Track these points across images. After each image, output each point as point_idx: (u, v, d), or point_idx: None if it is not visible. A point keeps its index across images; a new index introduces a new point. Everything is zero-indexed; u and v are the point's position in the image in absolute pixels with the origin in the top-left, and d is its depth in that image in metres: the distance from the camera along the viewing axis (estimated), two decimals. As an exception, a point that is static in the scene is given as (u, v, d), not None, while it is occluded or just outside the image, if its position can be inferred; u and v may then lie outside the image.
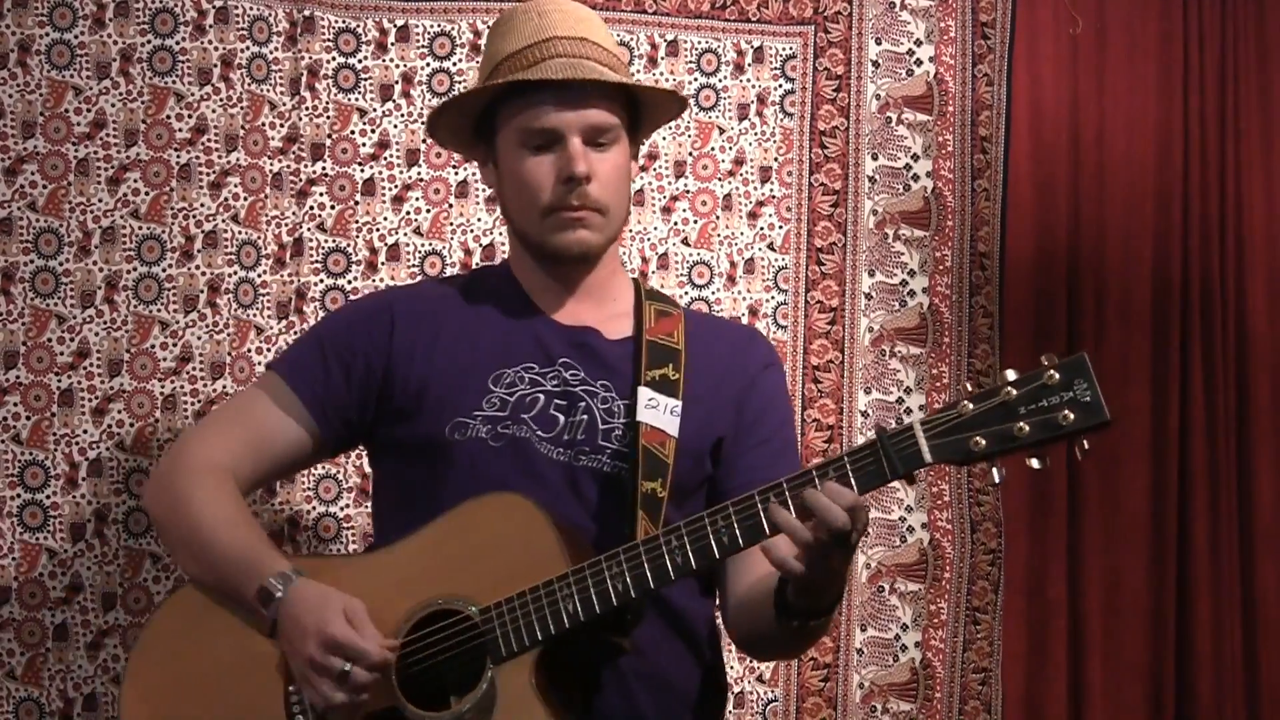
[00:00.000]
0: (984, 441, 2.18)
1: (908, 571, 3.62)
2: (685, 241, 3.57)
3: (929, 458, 2.21)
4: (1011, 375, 2.19)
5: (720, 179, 3.59)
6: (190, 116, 3.37)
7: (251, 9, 3.41)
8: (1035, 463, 2.20)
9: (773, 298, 3.60)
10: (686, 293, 3.55)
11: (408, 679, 2.40)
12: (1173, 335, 3.80)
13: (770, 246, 3.61)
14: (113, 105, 3.34)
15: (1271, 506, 3.91)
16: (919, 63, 3.69)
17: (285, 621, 2.42)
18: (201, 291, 3.37)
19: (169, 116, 3.36)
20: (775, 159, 3.62)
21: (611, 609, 2.34)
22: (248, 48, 3.41)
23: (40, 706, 3.28)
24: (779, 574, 2.35)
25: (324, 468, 3.38)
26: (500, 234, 3.46)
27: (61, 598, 3.29)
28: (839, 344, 3.63)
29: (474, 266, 3.45)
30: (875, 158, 3.67)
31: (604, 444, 2.55)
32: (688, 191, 3.58)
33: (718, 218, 3.59)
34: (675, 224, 3.57)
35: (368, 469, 3.35)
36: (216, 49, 3.39)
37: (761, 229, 3.61)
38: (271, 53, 3.42)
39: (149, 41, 3.36)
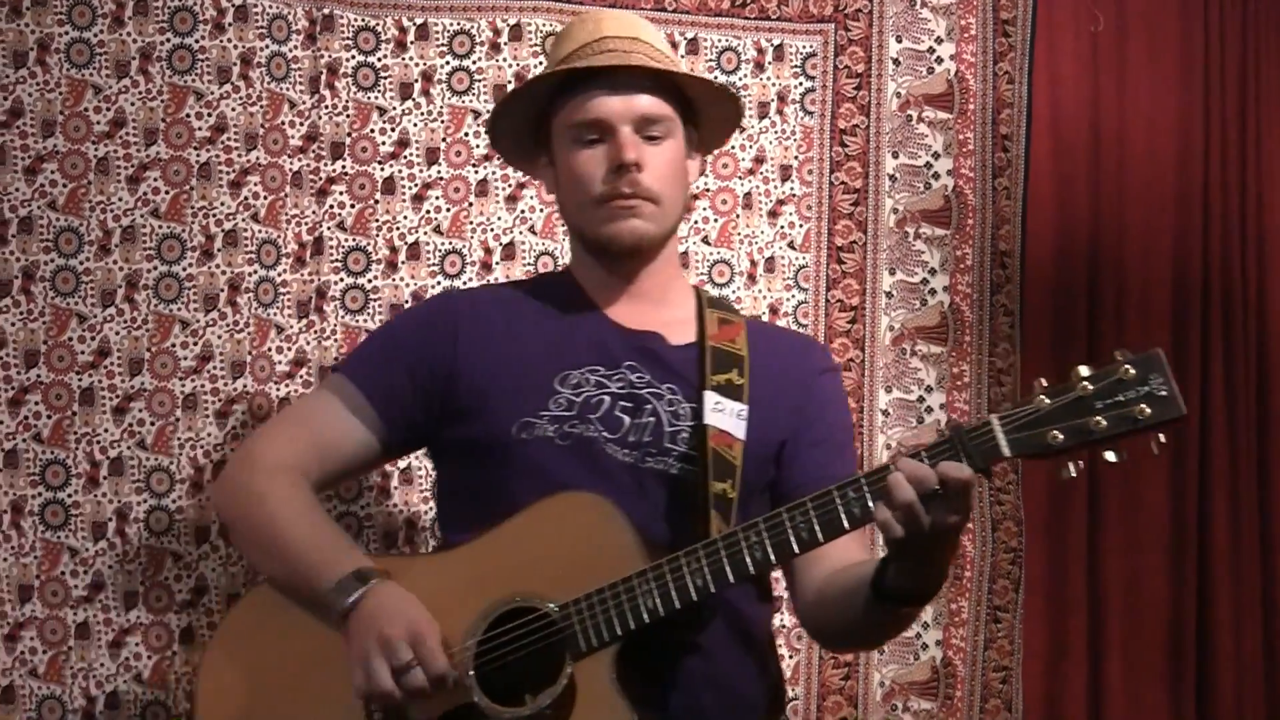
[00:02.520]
0: (1061, 435, 2.19)
1: (928, 570, 3.60)
2: (705, 240, 3.57)
3: (1007, 451, 2.22)
4: (1085, 371, 2.20)
5: (740, 177, 3.59)
6: (210, 115, 3.37)
7: (270, 7, 3.40)
8: (1111, 456, 2.21)
9: (793, 296, 3.59)
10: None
11: (484, 676, 2.40)
12: (1193, 333, 3.79)
13: (790, 245, 3.60)
14: (132, 104, 3.34)
15: (1293, 505, 3.90)
16: (939, 60, 3.68)
17: (367, 605, 2.40)
18: (222, 290, 3.36)
19: (188, 115, 3.36)
20: (795, 157, 3.61)
21: (690, 604, 2.35)
22: (267, 46, 3.40)
23: (63, 704, 3.28)
24: (876, 561, 2.39)
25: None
26: (520, 234, 3.47)
27: (83, 596, 3.29)
28: (859, 342, 3.63)
29: (493, 264, 3.47)
30: (896, 156, 3.66)
31: (670, 446, 2.56)
32: (708, 190, 3.57)
33: (738, 216, 3.58)
34: (695, 222, 3.56)
35: (388, 468, 3.36)
36: (236, 47, 3.38)
37: (782, 227, 3.60)
38: (291, 51, 3.42)
39: (168, 40, 3.35)
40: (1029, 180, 3.68)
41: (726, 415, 2.56)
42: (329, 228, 3.43)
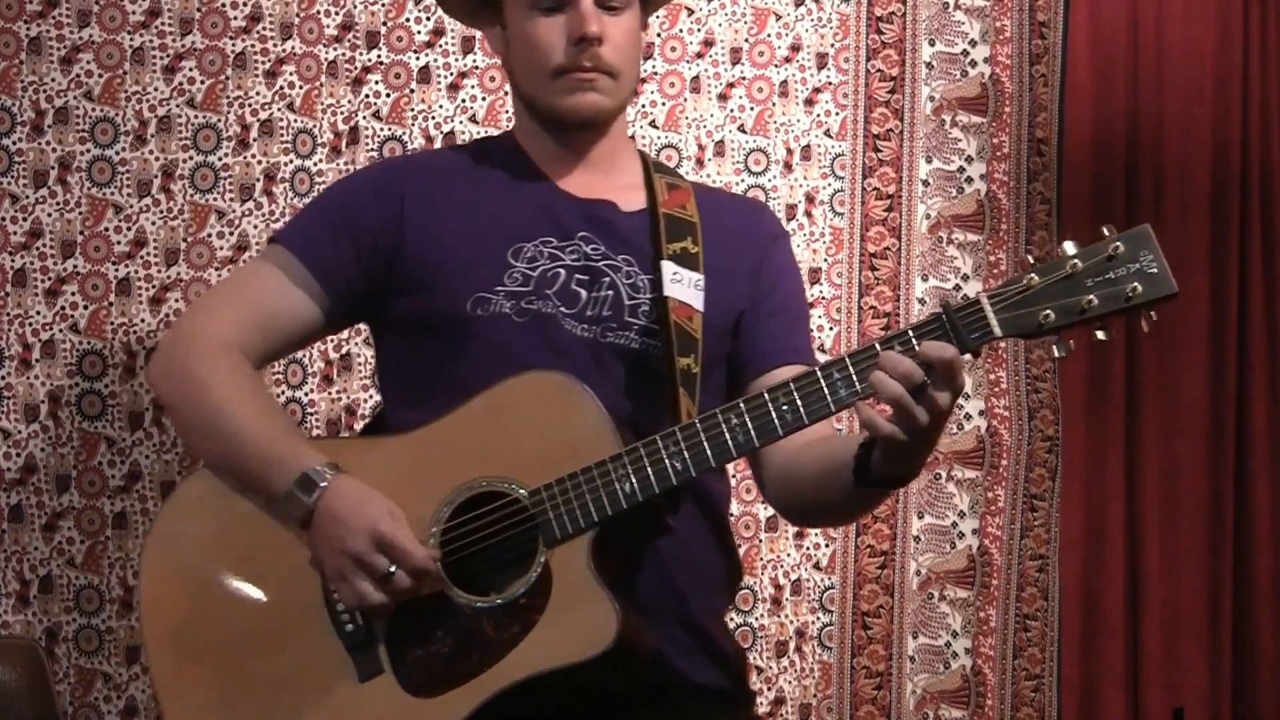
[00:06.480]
0: (1053, 315, 2.15)
1: (965, 458, 3.61)
2: (742, 129, 3.55)
3: (998, 331, 2.17)
4: (1072, 248, 2.16)
5: (777, 65, 3.57)
6: (246, 4, 3.36)
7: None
8: (1101, 334, 2.18)
9: (829, 184, 3.58)
10: (743, 180, 3.53)
11: (450, 564, 2.31)
12: (1231, 219, 3.76)
13: (827, 133, 3.58)
14: (168, -3, 3.35)
15: (1332, 391, 3.87)
16: (976, -53, 3.66)
17: (324, 515, 2.33)
18: (258, 180, 3.36)
19: (224, 5, 3.35)
20: (832, 45, 3.59)
21: (670, 489, 2.29)
22: (299, -65, 3.39)
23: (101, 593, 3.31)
24: (852, 441, 2.34)
25: (291, 353, 3.37)
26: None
27: (120, 486, 3.32)
28: (896, 231, 3.61)
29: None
30: (932, 44, 3.64)
31: (630, 320, 2.49)
32: (744, 78, 3.55)
33: (774, 104, 3.56)
34: (731, 111, 3.55)
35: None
36: (269, -64, 3.38)
37: (818, 115, 3.58)
38: (325, -60, 3.41)
39: (200, -70, 3.35)
40: (1067, 67, 3.65)
41: (685, 286, 2.48)
42: (365, 117, 3.42)
